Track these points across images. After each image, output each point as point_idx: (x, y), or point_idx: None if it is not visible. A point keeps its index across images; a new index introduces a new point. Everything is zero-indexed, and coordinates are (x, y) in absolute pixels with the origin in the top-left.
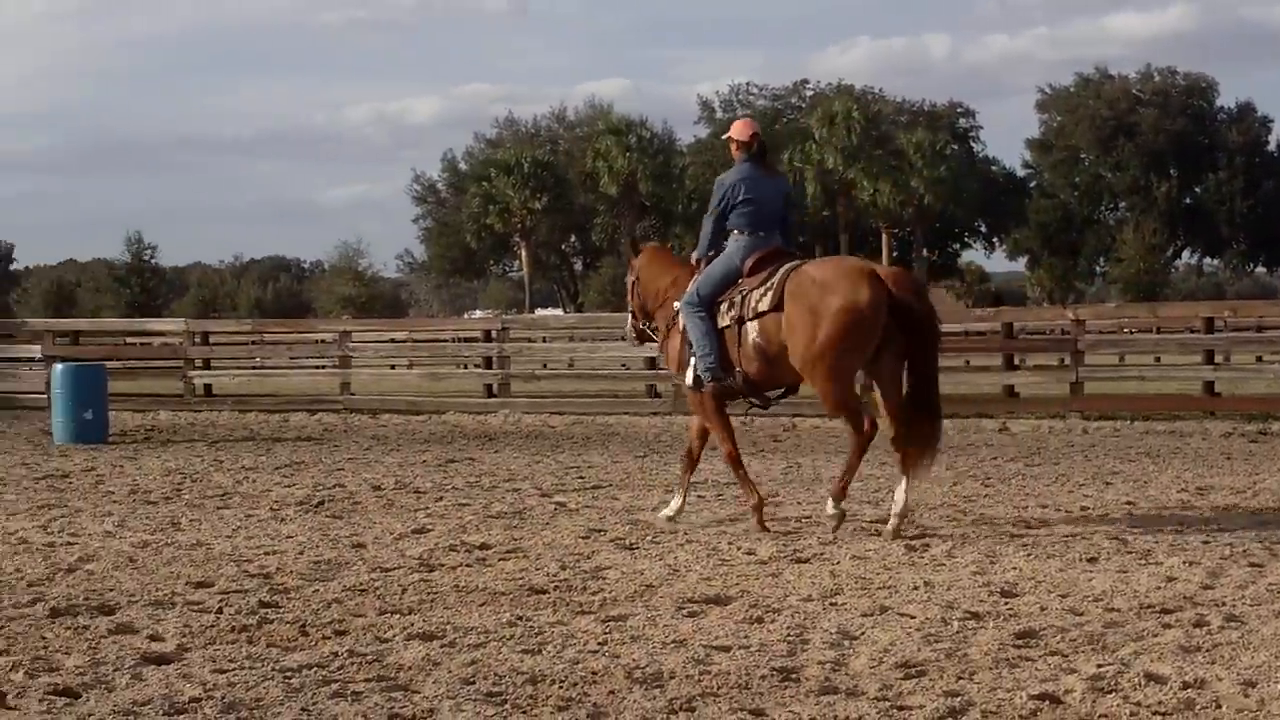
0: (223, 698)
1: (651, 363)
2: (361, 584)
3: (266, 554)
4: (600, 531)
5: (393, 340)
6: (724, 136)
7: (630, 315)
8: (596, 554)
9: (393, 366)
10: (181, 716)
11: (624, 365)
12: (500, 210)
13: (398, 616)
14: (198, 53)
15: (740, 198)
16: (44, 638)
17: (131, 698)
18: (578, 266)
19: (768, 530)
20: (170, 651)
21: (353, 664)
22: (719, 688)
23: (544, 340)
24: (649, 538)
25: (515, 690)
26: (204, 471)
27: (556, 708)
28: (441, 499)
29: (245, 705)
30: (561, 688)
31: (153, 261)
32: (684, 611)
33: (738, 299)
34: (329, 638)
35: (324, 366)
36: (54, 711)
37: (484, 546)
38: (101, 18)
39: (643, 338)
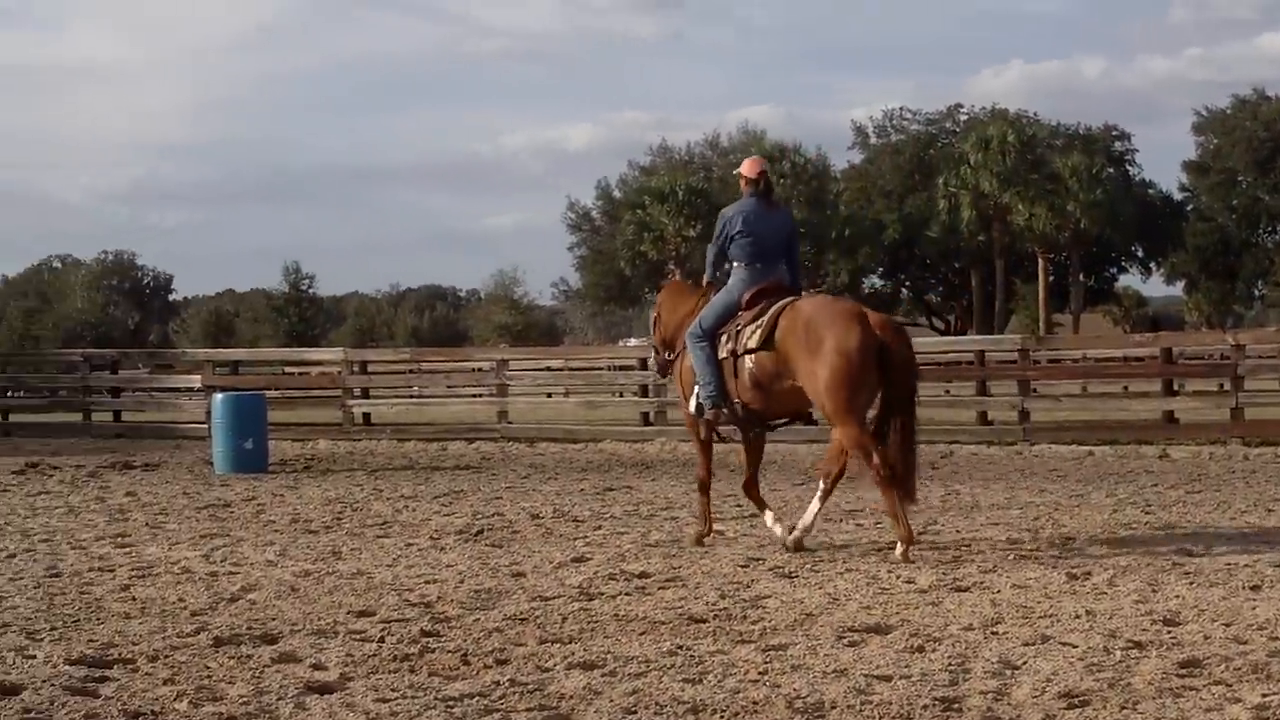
0: None
1: None
2: (522, 613)
3: (427, 583)
4: (759, 560)
5: (549, 368)
6: (735, 172)
7: (654, 350)
8: (756, 582)
9: (549, 395)
10: None
11: None
12: (654, 237)
13: (558, 645)
14: (356, 85)
15: (738, 230)
16: (208, 667)
17: None
18: None
19: (699, 545)
20: (333, 680)
21: (514, 693)
22: (880, 717)
23: None
24: (808, 566)
25: (677, 719)
26: (364, 500)
27: None
28: (600, 527)
29: None
30: (722, 717)
31: (310, 291)
32: (844, 640)
33: (734, 332)
34: (490, 667)
35: (481, 395)
36: None
37: (643, 575)
38: (262, 52)
39: (664, 370)
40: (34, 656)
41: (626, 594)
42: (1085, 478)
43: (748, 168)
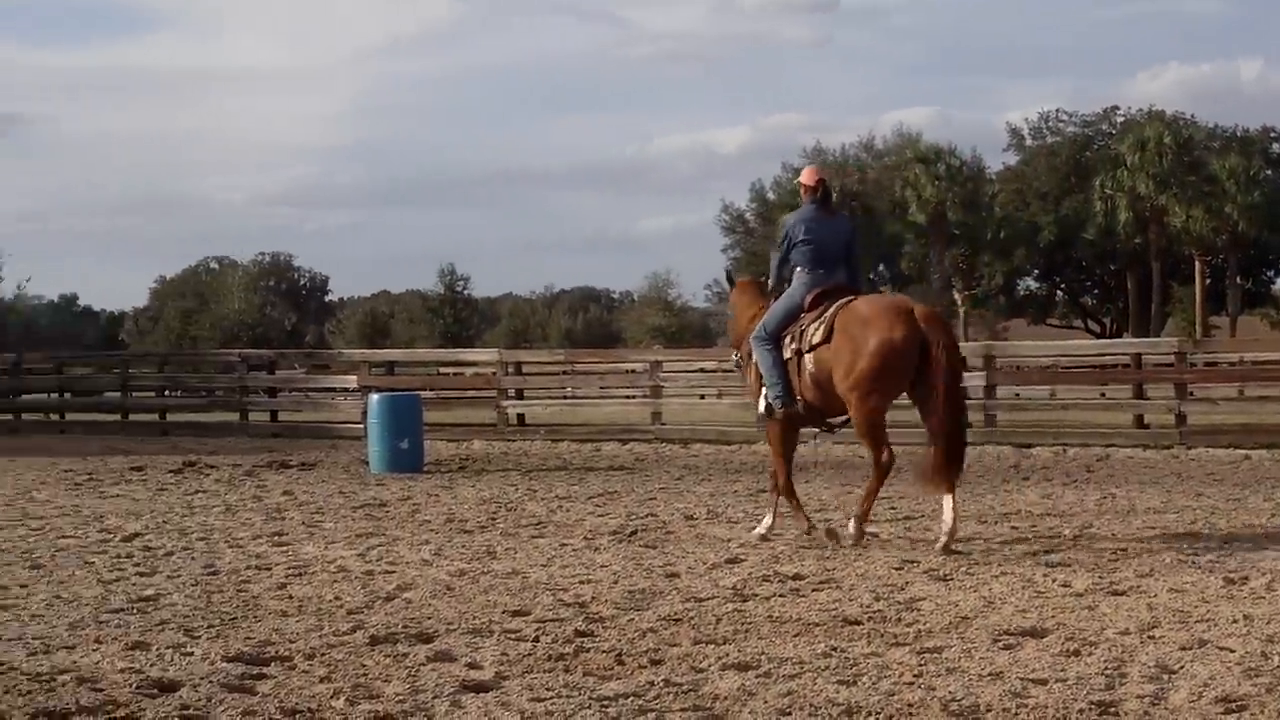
0: None
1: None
2: (676, 613)
3: (582, 583)
4: (913, 563)
5: (702, 370)
6: (796, 181)
7: (732, 349)
8: (910, 585)
9: (702, 396)
10: None
11: None
12: None
13: (712, 646)
14: (510, 88)
15: (801, 237)
16: (364, 665)
17: None
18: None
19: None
20: (488, 679)
21: (669, 693)
22: None
23: None
24: (963, 569)
25: None
26: (518, 500)
27: None
28: (754, 529)
29: None
30: (877, 719)
31: (465, 292)
32: (999, 644)
33: (798, 333)
34: (645, 667)
35: (635, 396)
36: None
37: (797, 577)
38: (418, 56)
39: (739, 368)
40: (192, 654)
41: (781, 595)
42: (1242, 481)
43: (807, 176)
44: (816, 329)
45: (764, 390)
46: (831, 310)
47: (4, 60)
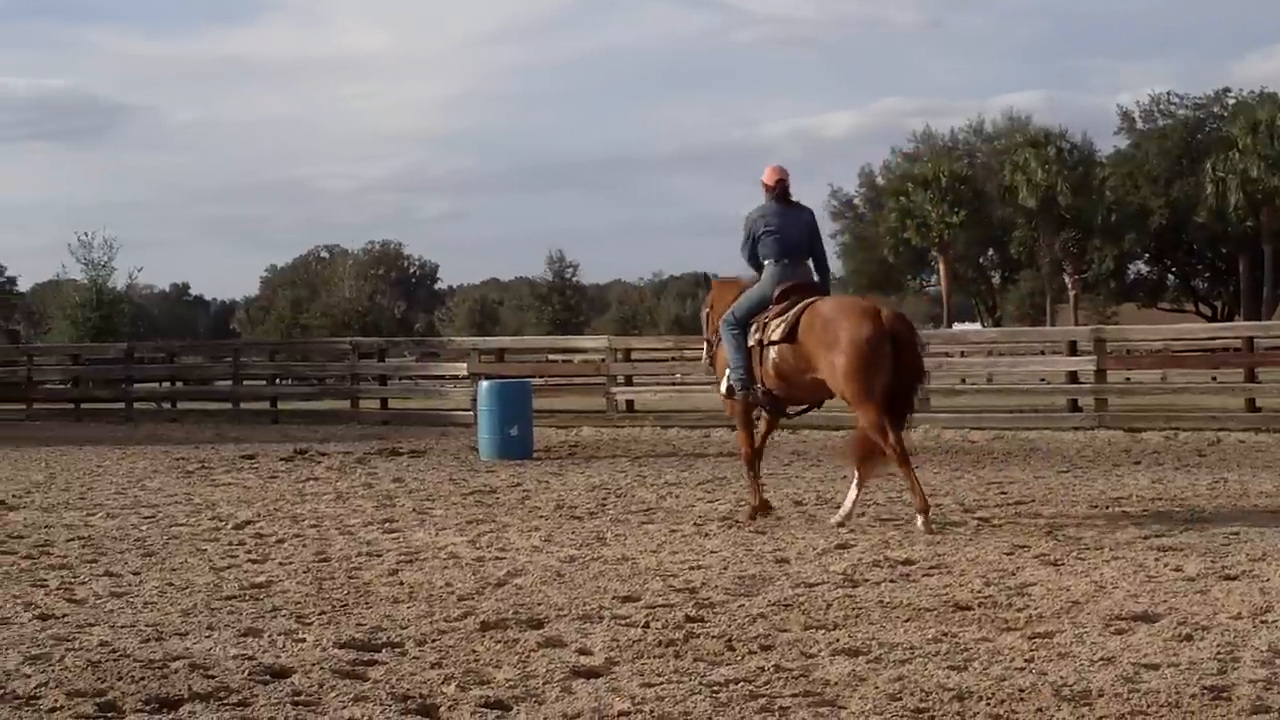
0: (651, 711)
1: (1073, 376)
2: (786, 599)
3: (691, 569)
4: (1024, 548)
5: None
6: (760, 179)
7: (706, 343)
8: (1021, 570)
9: None
10: None
11: (1043, 380)
12: (918, 224)
13: (823, 632)
14: (618, 73)
15: (763, 229)
16: (475, 651)
17: (561, 710)
18: (995, 280)
19: (752, 522)
20: (599, 665)
21: (779, 679)
22: (1148, 706)
23: (962, 355)
24: (1074, 554)
25: (942, 707)
26: (628, 487)
27: None
28: (863, 514)
29: (673, 719)
30: (989, 705)
31: (574, 279)
32: (1111, 629)
33: (763, 323)
34: (755, 653)
35: None
36: None
37: (907, 562)
38: (525, 43)
39: (712, 361)
40: (303, 640)
41: (891, 581)
42: None
43: (768, 176)
44: (779, 326)
45: (727, 371)
46: (794, 311)
47: (113, 51)
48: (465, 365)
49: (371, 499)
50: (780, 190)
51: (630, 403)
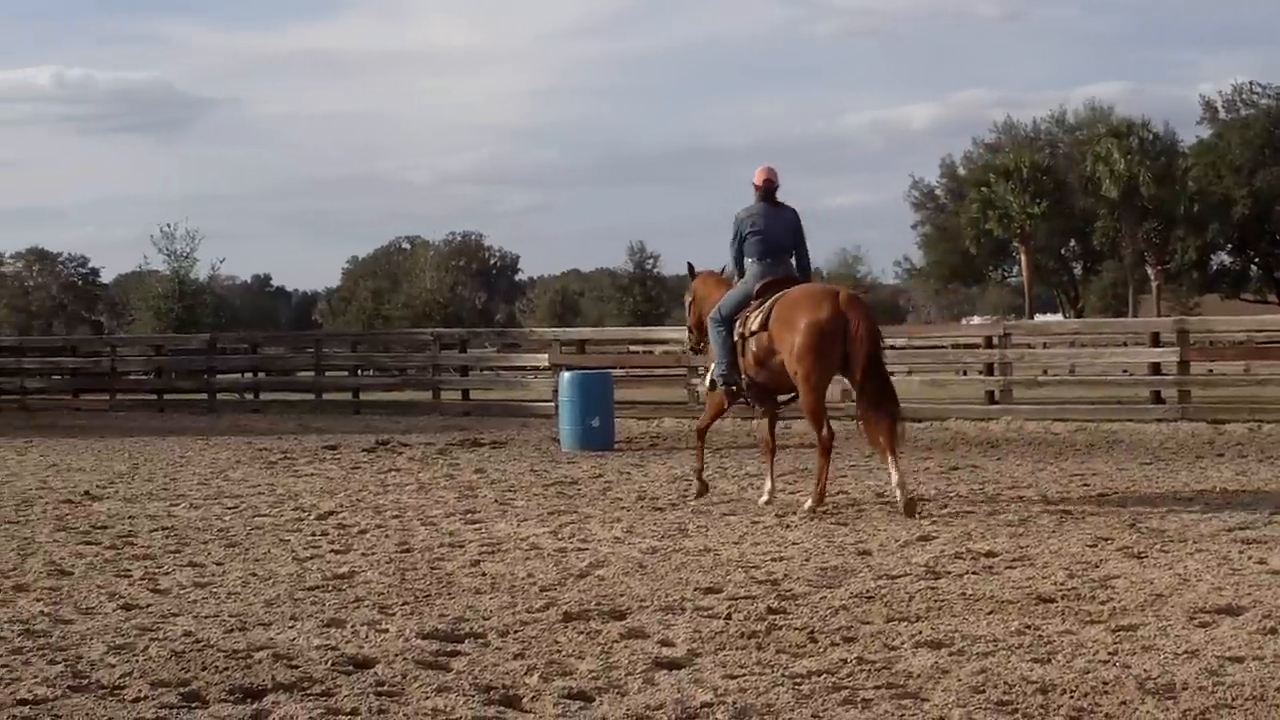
0: (734, 703)
1: (1155, 368)
2: (868, 591)
3: (773, 560)
4: (1107, 540)
5: (892, 346)
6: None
7: (688, 329)
8: (1104, 563)
9: (892, 373)
10: None
11: (1126, 371)
12: (1000, 215)
13: (905, 624)
14: (698, 66)
15: (749, 229)
16: (557, 642)
17: (644, 702)
18: (1077, 271)
19: (693, 501)
20: (681, 656)
21: (862, 671)
22: (1233, 700)
23: (1044, 346)
24: (1157, 546)
25: (1026, 699)
26: (709, 478)
27: (1068, 717)
28: (945, 506)
29: (756, 711)
30: (1072, 698)
31: (655, 270)
32: (1195, 622)
33: (744, 318)
34: (837, 644)
35: None
36: (568, 714)
37: (990, 554)
38: (603, 35)
39: (696, 348)
40: (386, 630)
41: (973, 573)
42: None
43: (756, 176)
44: (756, 316)
45: (712, 365)
46: (770, 300)
47: (196, 45)
48: (546, 356)
49: (453, 490)
50: (767, 190)
51: None
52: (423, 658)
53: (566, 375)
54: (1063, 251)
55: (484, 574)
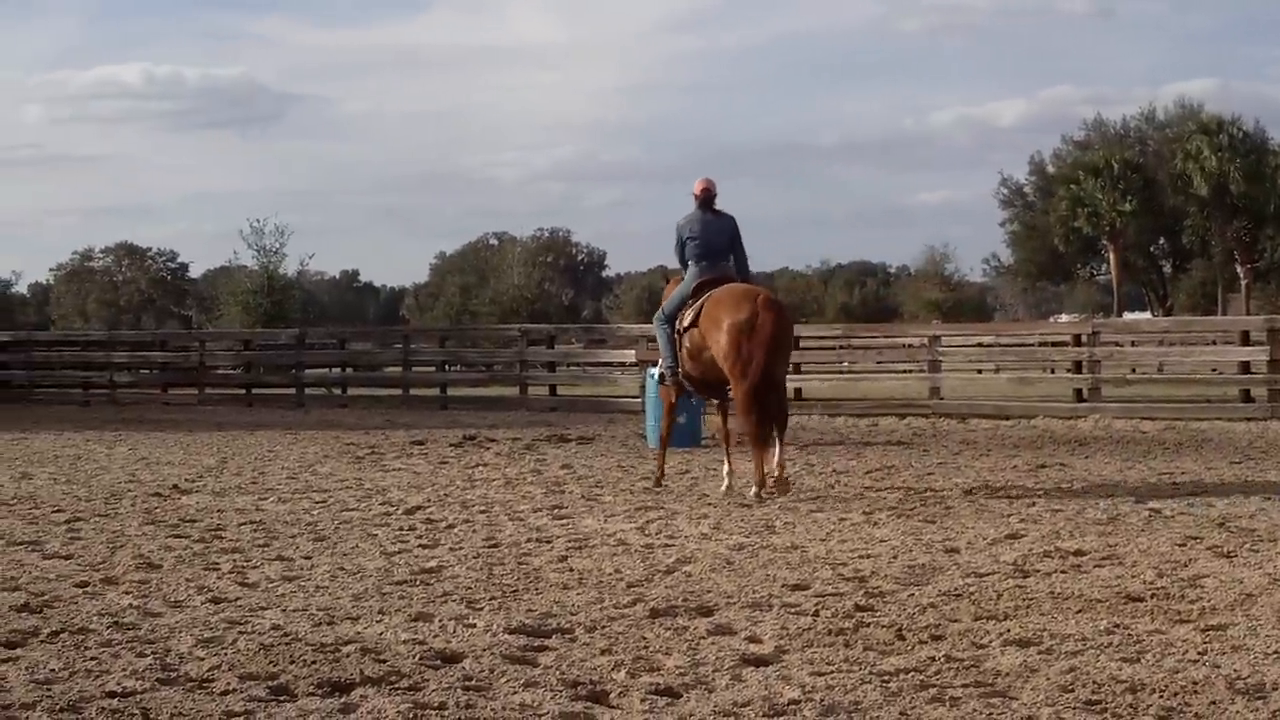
0: (821, 700)
1: (1245, 367)
2: (956, 589)
3: (861, 557)
4: (1197, 539)
5: (980, 344)
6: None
7: None
8: (1194, 562)
9: (980, 371)
10: (781, 718)
11: (1215, 369)
12: (1089, 213)
13: (993, 622)
14: (784, 62)
15: (688, 235)
16: (644, 638)
17: (731, 699)
18: (1166, 269)
19: (654, 490)
20: (768, 653)
21: (950, 669)
22: None
23: (1133, 344)
24: (1247, 545)
25: (1115, 699)
26: (796, 475)
27: (1157, 717)
28: (1034, 504)
29: (844, 708)
30: (1162, 697)
31: None
32: None
33: (681, 316)
34: (925, 642)
35: (913, 371)
36: (655, 711)
37: (1079, 553)
38: (689, 31)
39: None
40: (474, 625)
41: (1062, 571)
42: None
43: (695, 187)
44: (688, 314)
45: (659, 361)
46: (701, 299)
47: (283, 41)
48: (633, 352)
49: (540, 485)
50: (705, 199)
51: (798, 391)
52: (510, 653)
53: (654, 371)
54: (1152, 249)
55: (571, 569)
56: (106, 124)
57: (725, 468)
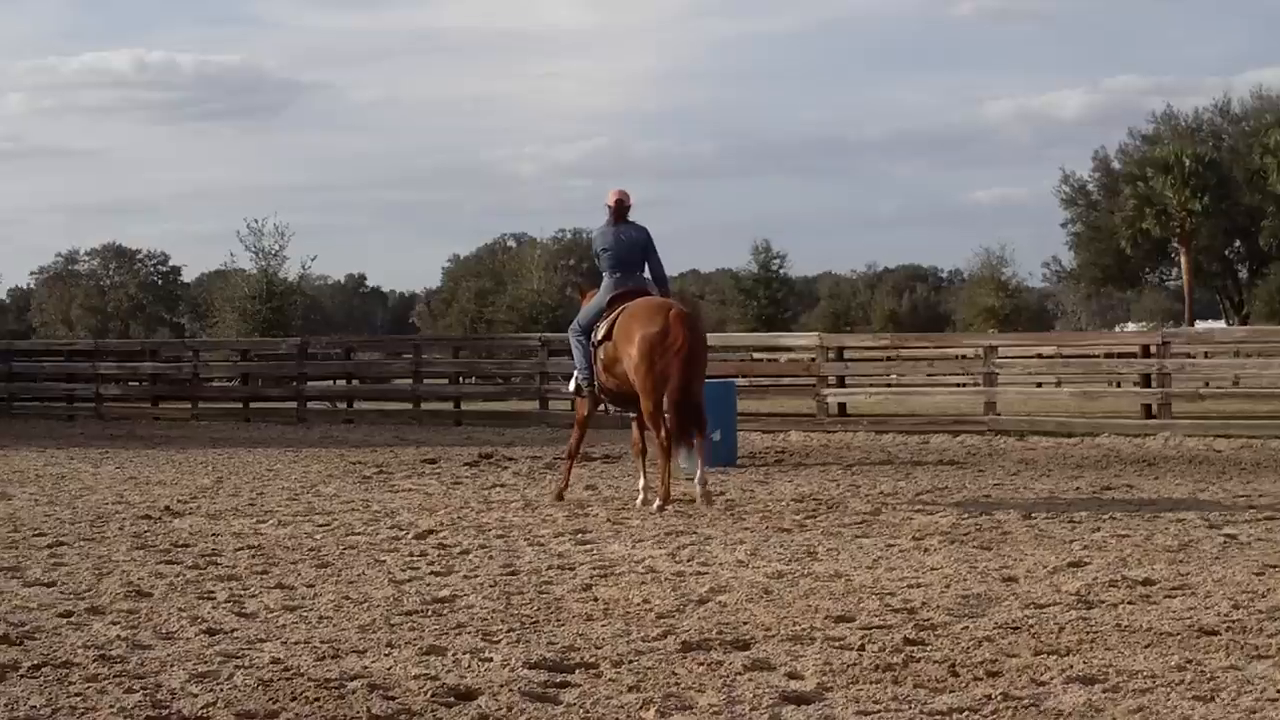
0: None
1: None
2: (1014, 621)
3: (910, 587)
4: (1275, 567)
5: (1040, 355)
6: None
7: None
8: (1273, 592)
9: (1039, 384)
10: None
11: None
12: (1157, 212)
13: (1055, 657)
14: (828, 51)
15: (600, 247)
16: (675, 673)
17: None
18: (1242, 274)
19: (557, 502)
20: (810, 691)
21: (1007, 708)
22: None
23: (1206, 355)
24: None
25: None
26: (840, 497)
27: None
28: (1098, 529)
29: None
30: None
31: (781, 271)
32: None
33: (596, 328)
34: (981, 679)
35: (966, 384)
36: None
37: (1147, 582)
38: (728, 15)
39: None
40: (490, 659)
41: (1129, 602)
42: None
43: (609, 197)
44: (602, 326)
45: (574, 373)
46: (614, 313)
47: (289, 24)
48: None
49: (562, 508)
50: (618, 211)
51: (843, 406)
52: (530, 689)
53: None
54: (1226, 252)
55: (596, 599)
56: (94, 114)
57: (640, 481)
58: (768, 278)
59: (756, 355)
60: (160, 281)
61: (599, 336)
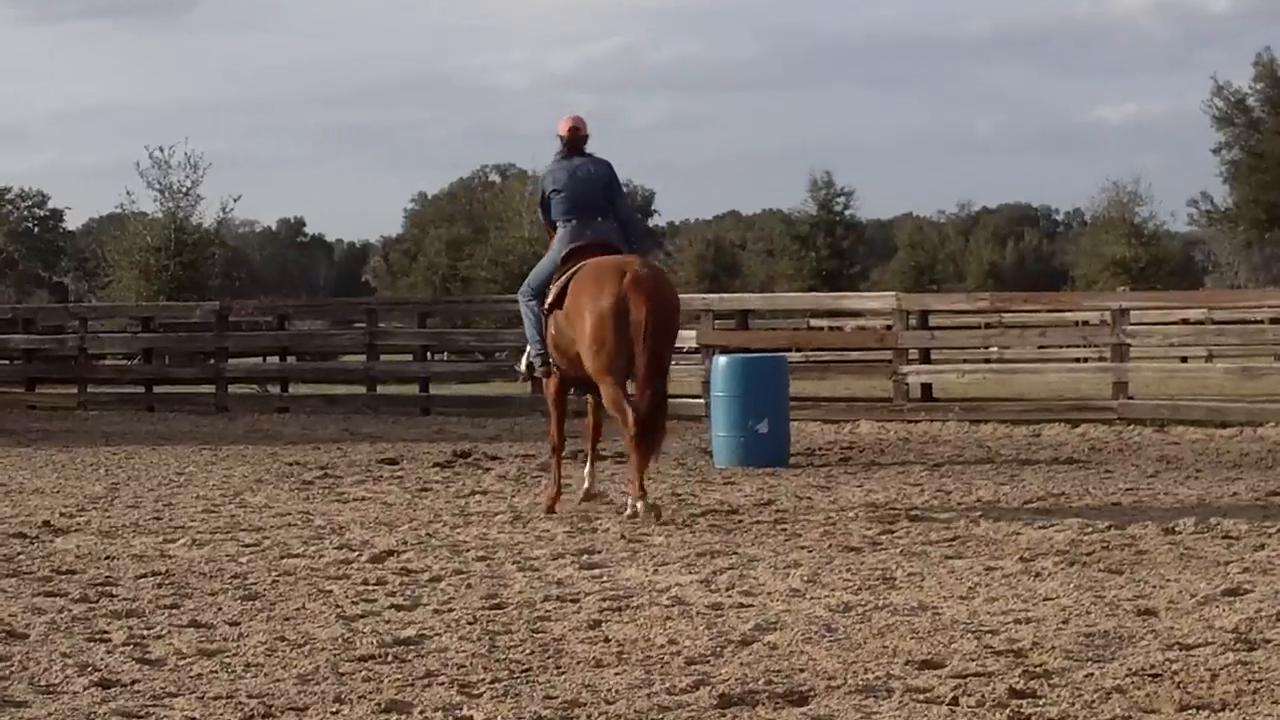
0: None
1: None
2: (1153, 666)
3: (1016, 622)
4: None
5: (1185, 321)
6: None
7: None
8: None
9: (1184, 359)
10: None
11: None
12: None
13: (1206, 713)
14: None
15: (551, 188)
16: None
17: None
18: None
19: (549, 514)
20: None
21: None
22: None
23: None
24: None
25: None
26: (925, 507)
27: None
28: (1262, 547)
29: None
30: None
31: (847, 213)
32: None
33: (547, 291)
34: None
35: (1090, 359)
36: None
37: None
38: None
39: None
40: (470, 718)
41: None
42: None
43: (560, 126)
44: (553, 290)
45: (527, 348)
46: (569, 273)
47: None
48: (694, 333)
49: (563, 521)
50: (572, 142)
51: (927, 388)
52: None
53: (722, 361)
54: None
55: (607, 639)
56: None
57: (586, 468)
58: (829, 221)
59: (815, 322)
60: (36, 229)
61: (549, 303)
